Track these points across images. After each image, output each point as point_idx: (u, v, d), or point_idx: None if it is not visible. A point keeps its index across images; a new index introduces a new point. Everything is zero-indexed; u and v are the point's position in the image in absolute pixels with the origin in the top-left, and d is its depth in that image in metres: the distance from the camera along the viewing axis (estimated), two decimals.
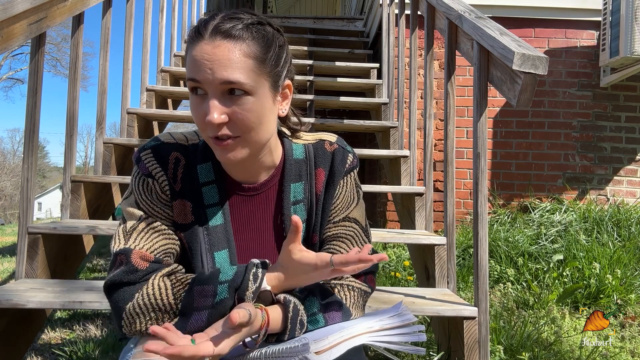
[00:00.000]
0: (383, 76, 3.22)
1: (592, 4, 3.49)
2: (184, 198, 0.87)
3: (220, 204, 0.89)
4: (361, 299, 0.92)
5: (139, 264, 0.81)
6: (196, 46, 0.78)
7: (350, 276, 0.91)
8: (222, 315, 0.78)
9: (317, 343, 0.76)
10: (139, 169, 0.87)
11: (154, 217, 0.87)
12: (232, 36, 0.77)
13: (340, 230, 0.94)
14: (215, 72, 0.76)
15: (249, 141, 0.81)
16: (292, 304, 0.81)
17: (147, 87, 2.97)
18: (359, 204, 0.98)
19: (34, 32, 1.68)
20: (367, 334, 0.81)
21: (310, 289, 0.86)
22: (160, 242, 0.85)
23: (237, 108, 0.78)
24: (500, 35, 1.46)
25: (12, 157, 34.52)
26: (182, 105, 4.33)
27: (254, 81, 0.78)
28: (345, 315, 0.88)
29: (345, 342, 0.77)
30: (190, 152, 0.90)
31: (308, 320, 0.83)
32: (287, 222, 0.91)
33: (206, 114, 0.77)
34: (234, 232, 0.91)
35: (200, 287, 0.79)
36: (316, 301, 0.85)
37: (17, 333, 1.54)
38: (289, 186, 0.92)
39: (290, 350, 0.74)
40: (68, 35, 12.13)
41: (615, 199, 3.47)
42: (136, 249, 0.83)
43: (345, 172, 0.95)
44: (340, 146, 0.96)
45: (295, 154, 0.94)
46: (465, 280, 2.48)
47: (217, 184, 0.89)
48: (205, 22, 0.80)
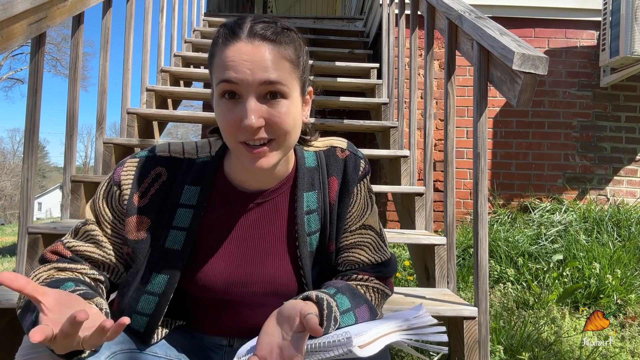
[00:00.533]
0: (383, 76, 3.22)
1: (592, 4, 3.49)
2: (144, 214, 0.86)
3: (187, 230, 0.86)
4: (383, 300, 0.95)
5: (49, 256, 0.85)
6: (231, 46, 0.76)
7: (374, 279, 0.93)
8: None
9: (358, 337, 0.76)
10: (113, 174, 0.87)
11: (99, 223, 0.87)
12: (269, 39, 0.77)
13: (358, 239, 0.94)
14: (255, 72, 0.75)
15: (282, 145, 0.80)
16: (325, 301, 0.80)
17: (147, 87, 2.97)
18: (373, 210, 0.98)
19: (34, 32, 1.68)
20: (399, 332, 0.82)
21: (339, 286, 0.87)
22: (88, 248, 0.85)
23: (274, 111, 0.77)
24: (500, 35, 1.46)
25: (12, 157, 34.52)
26: (182, 105, 4.33)
27: (290, 84, 0.78)
28: (373, 314, 0.89)
29: (383, 337, 0.78)
30: (182, 167, 0.88)
31: (341, 316, 0.83)
32: (301, 231, 0.90)
33: (241, 118, 0.75)
34: (235, 238, 0.89)
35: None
36: (346, 299, 0.85)
37: (17, 333, 1.53)
38: (302, 195, 0.91)
39: (334, 344, 0.75)
40: (68, 35, 12.13)
41: (615, 199, 3.47)
42: (59, 243, 0.86)
43: (359, 179, 0.94)
44: (351, 153, 0.95)
45: (307, 162, 0.93)
46: (465, 280, 2.48)
47: (195, 210, 0.87)
48: (239, 23, 0.78)
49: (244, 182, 0.89)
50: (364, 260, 0.94)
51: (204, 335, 0.95)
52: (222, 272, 0.88)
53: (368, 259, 0.94)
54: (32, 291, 0.62)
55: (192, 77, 3.56)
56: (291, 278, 0.90)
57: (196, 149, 0.91)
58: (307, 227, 0.91)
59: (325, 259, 0.94)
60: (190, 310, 0.93)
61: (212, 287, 0.88)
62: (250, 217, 0.90)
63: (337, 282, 0.90)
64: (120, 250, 0.87)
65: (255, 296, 0.89)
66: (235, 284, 0.88)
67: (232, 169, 0.89)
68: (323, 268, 0.94)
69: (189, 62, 3.80)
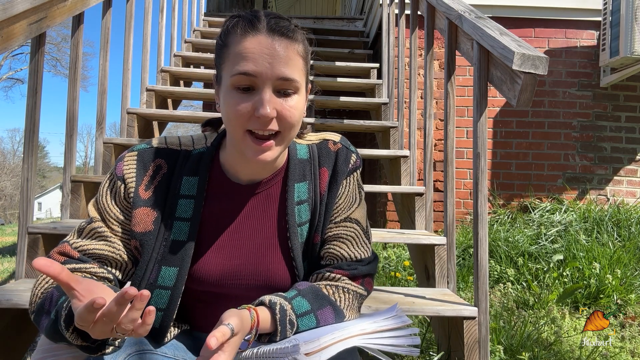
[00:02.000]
0: (383, 76, 3.22)
1: (592, 4, 3.49)
2: (150, 207, 0.86)
3: (191, 221, 0.87)
4: (356, 301, 0.92)
5: (56, 258, 0.83)
6: (251, 38, 0.77)
7: (346, 278, 0.91)
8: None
9: (307, 344, 0.75)
10: (115, 170, 0.87)
11: (105, 220, 0.86)
12: (287, 35, 0.79)
13: (341, 231, 0.94)
14: (274, 66, 0.76)
15: (286, 139, 0.82)
16: (277, 305, 0.80)
17: (147, 87, 2.97)
18: (361, 204, 0.97)
19: (34, 32, 1.68)
20: (360, 336, 0.80)
21: (301, 289, 0.86)
22: (96, 245, 0.85)
23: (285, 105, 0.79)
24: (500, 35, 1.46)
25: (12, 157, 34.52)
26: (182, 105, 4.33)
27: (301, 80, 0.81)
28: (339, 317, 0.87)
29: (336, 344, 0.77)
30: (180, 159, 0.89)
31: (298, 319, 0.82)
32: (291, 222, 0.91)
33: (255, 107, 0.77)
34: (228, 230, 0.90)
35: (53, 291, 0.77)
36: (305, 301, 0.84)
37: (17, 333, 1.54)
38: (293, 186, 0.91)
39: (280, 351, 0.74)
40: (68, 35, 12.13)
41: (615, 199, 3.47)
42: (65, 244, 0.85)
43: (349, 172, 0.94)
44: (343, 146, 0.96)
45: (299, 154, 0.94)
46: (465, 280, 2.48)
47: (196, 200, 0.87)
48: (257, 16, 0.80)
49: (238, 172, 0.90)
50: (343, 254, 0.93)
51: (202, 333, 0.95)
52: (215, 264, 0.88)
53: (347, 254, 0.93)
54: (66, 278, 0.62)
55: (192, 77, 3.56)
56: (284, 270, 0.90)
57: (192, 141, 0.91)
58: (297, 218, 0.91)
59: (313, 251, 0.93)
60: (188, 307, 0.93)
61: (206, 280, 0.88)
62: (243, 209, 0.91)
63: (300, 284, 0.89)
64: (128, 245, 0.87)
65: (249, 289, 0.89)
66: (228, 276, 0.88)
67: (227, 159, 0.90)
68: (312, 260, 0.94)
69: (189, 62, 3.80)
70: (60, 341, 0.73)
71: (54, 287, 0.78)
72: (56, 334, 0.72)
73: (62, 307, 0.70)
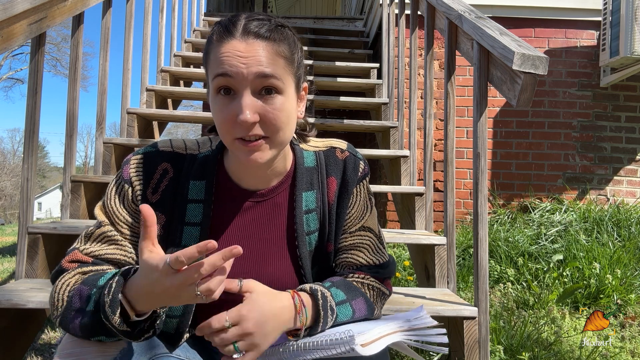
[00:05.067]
0: (383, 76, 3.22)
1: (592, 4, 3.49)
2: (157, 210, 0.85)
3: (201, 225, 0.86)
4: (379, 299, 0.94)
5: (68, 266, 0.81)
6: (226, 44, 0.77)
7: (371, 276, 0.93)
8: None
9: (360, 336, 0.76)
10: (122, 173, 0.87)
11: (114, 224, 0.85)
12: (263, 36, 0.78)
13: (357, 240, 0.95)
14: (249, 65, 0.75)
15: (276, 142, 0.80)
16: (319, 292, 0.81)
17: (147, 87, 2.97)
18: (372, 212, 0.98)
19: (34, 32, 1.68)
20: (400, 333, 0.82)
21: (334, 281, 0.88)
22: (108, 249, 0.83)
23: (268, 107, 0.77)
24: (500, 35, 1.46)
25: (12, 157, 34.52)
26: (182, 105, 4.33)
27: (285, 79, 0.79)
28: (370, 308, 0.89)
29: (385, 337, 0.79)
30: (186, 163, 0.88)
31: (337, 307, 0.83)
32: (300, 231, 0.90)
33: (236, 114, 0.75)
34: (236, 236, 0.89)
35: (81, 287, 0.76)
36: (340, 291, 0.86)
37: (17, 333, 1.53)
38: (301, 195, 0.91)
39: (336, 342, 0.75)
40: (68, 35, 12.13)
41: (615, 199, 3.47)
42: (76, 251, 0.83)
43: (358, 181, 0.94)
44: (351, 153, 0.95)
45: (306, 162, 0.93)
46: (465, 280, 2.48)
47: (205, 205, 0.87)
48: (233, 21, 0.79)
49: (242, 179, 0.89)
50: (361, 262, 0.94)
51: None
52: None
53: (366, 261, 0.94)
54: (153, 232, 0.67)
55: (192, 77, 3.56)
56: (292, 278, 0.90)
57: (197, 145, 0.91)
58: (306, 227, 0.91)
59: (323, 259, 0.94)
60: (196, 311, 0.93)
61: None
62: (250, 216, 0.90)
63: (332, 278, 0.91)
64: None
65: None
66: None
67: (230, 165, 0.89)
68: (322, 268, 0.94)
69: (189, 62, 3.80)
70: (97, 335, 0.73)
71: (79, 284, 0.77)
72: (96, 325, 0.72)
73: (104, 294, 0.70)
